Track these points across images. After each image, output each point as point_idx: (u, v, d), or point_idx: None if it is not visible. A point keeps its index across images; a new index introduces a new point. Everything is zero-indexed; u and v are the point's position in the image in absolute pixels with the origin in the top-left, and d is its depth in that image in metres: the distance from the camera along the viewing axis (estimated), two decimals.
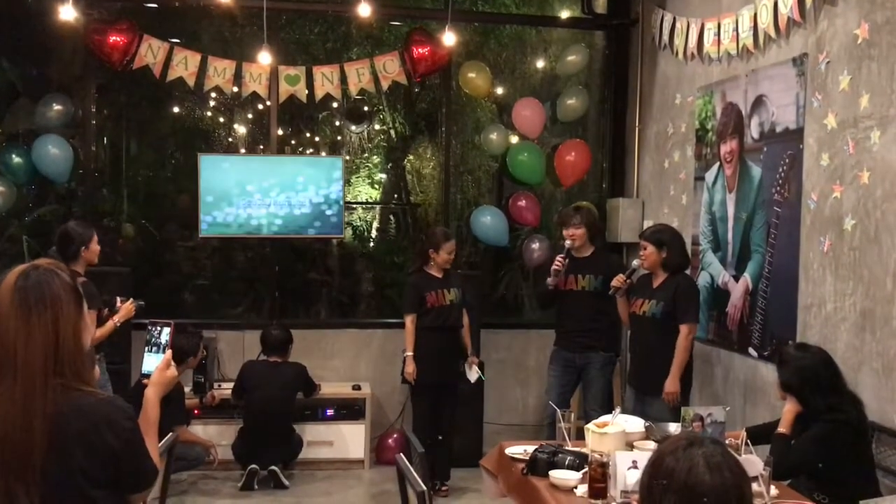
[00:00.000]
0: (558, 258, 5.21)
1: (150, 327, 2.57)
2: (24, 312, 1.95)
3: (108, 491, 2.01)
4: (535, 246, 6.71)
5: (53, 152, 6.12)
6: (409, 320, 5.43)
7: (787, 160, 4.48)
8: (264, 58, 5.93)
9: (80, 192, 6.73)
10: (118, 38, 6.03)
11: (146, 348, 2.54)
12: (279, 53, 6.29)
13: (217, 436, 5.83)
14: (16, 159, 6.20)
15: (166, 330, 2.56)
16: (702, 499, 1.60)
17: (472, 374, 5.62)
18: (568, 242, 5.20)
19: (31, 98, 6.63)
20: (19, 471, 1.90)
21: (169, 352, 2.47)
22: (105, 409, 2.00)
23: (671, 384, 4.52)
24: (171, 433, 3.41)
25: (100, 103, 6.56)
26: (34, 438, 1.90)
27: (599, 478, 2.93)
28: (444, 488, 5.52)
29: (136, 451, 2.06)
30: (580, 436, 3.63)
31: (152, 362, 2.47)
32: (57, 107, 6.25)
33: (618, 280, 4.85)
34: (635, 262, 4.81)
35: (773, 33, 4.58)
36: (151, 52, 6.14)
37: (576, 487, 3.06)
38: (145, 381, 2.43)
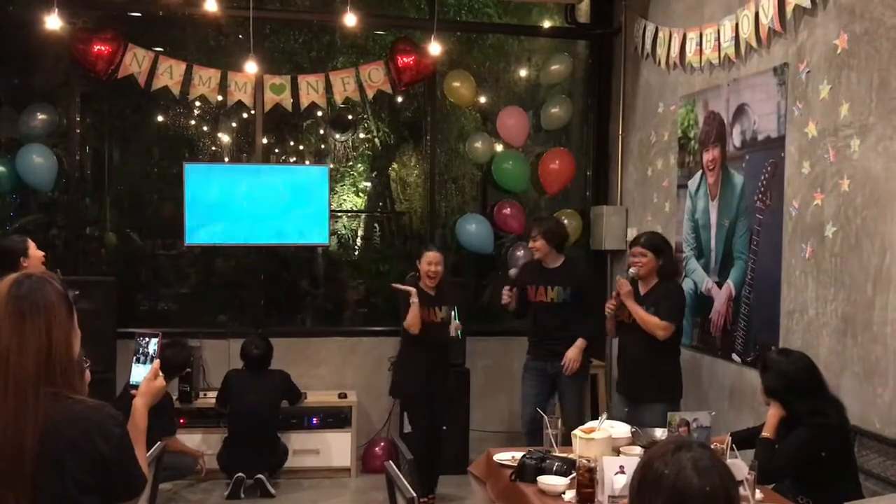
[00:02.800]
0: (505, 291, 5.32)
1: (138, 338, 2.58)
2: (18, 320, 1.96)
3: (98, 498, 2.01)
4: (520, 253, 6.75)
5: (37, 161, 6.11)
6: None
7: (768, 168, 4.54)
8: (250, 67, 5.96)
9: (64, 201, 6.70)
10: (103, 48, 6.04)
11: (134, 358, 2.54)
12: (264, 62, 6.31)
13: (202, 445, 5.83)
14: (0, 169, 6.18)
15: (154, 340, 2.56)
16: (690, 502, 1.63)
17: (452, 329, 5.33)
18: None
19: (13, 107, 6.61)
20: (10, 479, 1.91)
21: (157, 362, 2.48)
22: (96, 416, 2.01)
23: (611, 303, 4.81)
24: (159, 442, 3.41)
25: (84, 112, 6.54)
26: (25, 447, 1.91)
27: (587, 483, 2.96)
28: (431, 497, 5.52)
29: (126, 458, 2.07)
30: (566, 442, 3.66)
31: (140, 373, 2.48)
32: (41, 116, 6.25)
33: (610, 306, 4.83)
34: (632, 271, 4.73)
35: (754, 43, 4.65)
36: (136, 60, 6.15)
37: (564, 493, 3.09)
38: (133, 391, 2.43)
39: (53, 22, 5.40)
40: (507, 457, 3.53)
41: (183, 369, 5.68)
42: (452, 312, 5.28)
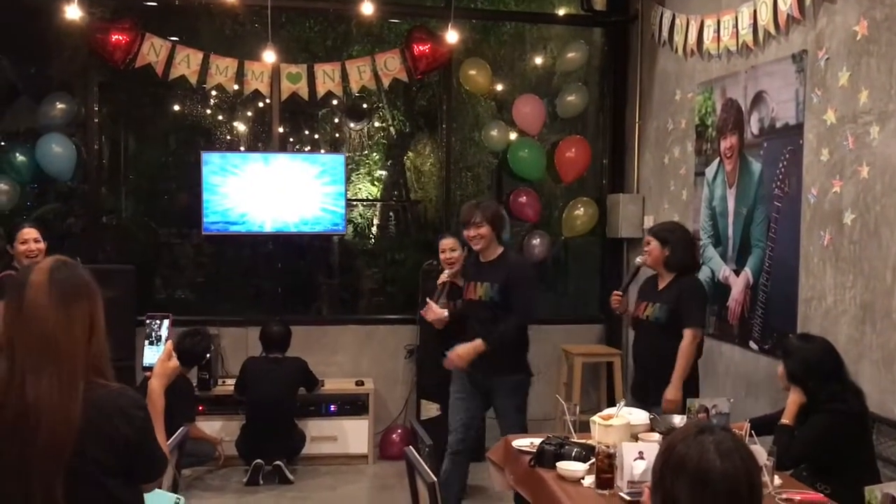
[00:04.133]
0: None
1: (148, 321, 2.59)
2: (64, 304, 1.98)
3: (121, 480, 2.05)
4: (536, 242, 6.76)
5: (57, 151, 6.16)
6: None
7: (787, 155, 4.52)
8: (268, 56, 5.97)
9: (83, 190, 6.76)
10: (120, 37, 6.07)
11: (146, 341, 2.56)
12: (280, 51, 6.32)
13: (220, 432, 5.88)
14: (19, 158, 6.24)
15: (165, 322, 2.59)
16: (713, 484, 1.65)
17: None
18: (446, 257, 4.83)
19: (32, 97, 6.66)
20: (57, 459, 1.94)
21: (169, 343, 2.51)
22: (119, 400, 2.04)
23: (671, 392, 4.21)
24: (182, 427, 3.45)
25: (101, 101, 6.58)
26: (73, 428, 1.94)
27: (606, 468, 2.98)
28: None
29: (148, 441, 2.11)
30: (584, 428, 3.68)
31: (153, 354, 2.50)
32: (60, 105, 6.29)
33: (614, 300, 4.73)
34: (638, 259, 4.69)
35: (772, 30, 4.63)
36: (154, 50, 6.18)
37: (583, 478, 3.10)
38: (147, 373, 2.45)
39: (73, 12, 5.44)
40: (526, 443, 3.55)
41: (204, 358, 5.74)
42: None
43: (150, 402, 2.34)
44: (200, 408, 5.87)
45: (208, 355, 5.83)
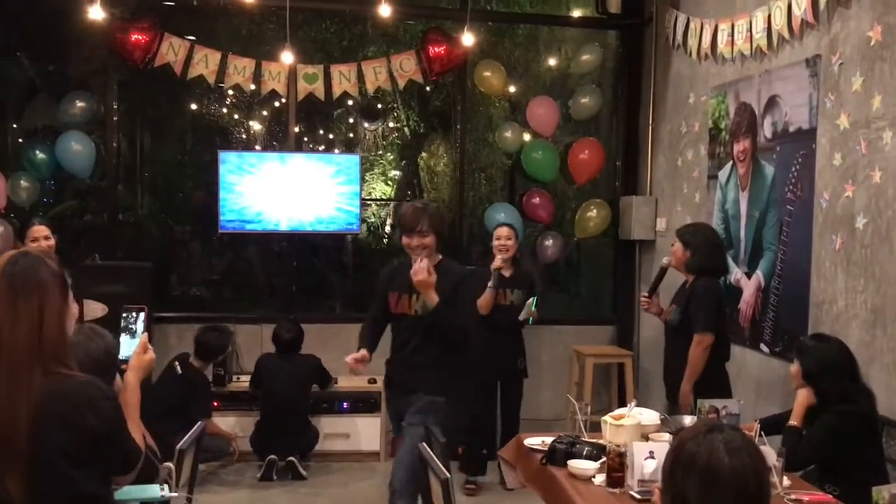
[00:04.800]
0: (643, 298, 4.78)
1: (124, 314, 2.61)
2: (10, 298, 2.01)
3: (89, 471, 2.06)
4: (549, 243, 6.80)
5: (76, 148, 6.24)
6: None
7: (799, 159, 4.55)
8: (286, 57, 6.03)
9: (101, 188, 6.83)
10: (140, 37, 6.14)
11: (122, 334, 2.58)
12: (297, 51, 6.38)
13: (235, 427, 5.95)
14: (39, 155, 6.32)
15: (141, 315, 2.61)
16: (722, 481, 1.69)
17: (524, 312, 5.41)
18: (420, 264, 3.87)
19: (51, 94, 6.74)
20: (4, 453, 1.96)
21: (144, 335, 2.53)
22: (86, 390, 2.05)
23: (682, 395, 4.26)
24: (199, 423, 3.51)
25: (120, 100, 6.66)
26: (19, 424, 1.95)
27: (617, 467, 3.02)
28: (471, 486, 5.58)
29: (117, 432, 2.10)
30: (595, 429, 3.72)
31: (128, 347, 2.51)
32: (80, 103, 6.36)
33: (643, 302, 4.77)
34: (664, 261, 4.68)
35: (786, 34, 4.66)
36: (172, 50, 6.25)
37: (594, 476, 3.15)
38: (123, 366, 2.45)
39: (96, 13, 5.50)
40: (538, 441, 3.60)
41: (222, 354, 5.82)
42: (532, 300, 5.35)
43: (126, 394, 2.36)
44: (216, 404, 5.93)
45: (227, 352, 5.91)
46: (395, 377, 4.18)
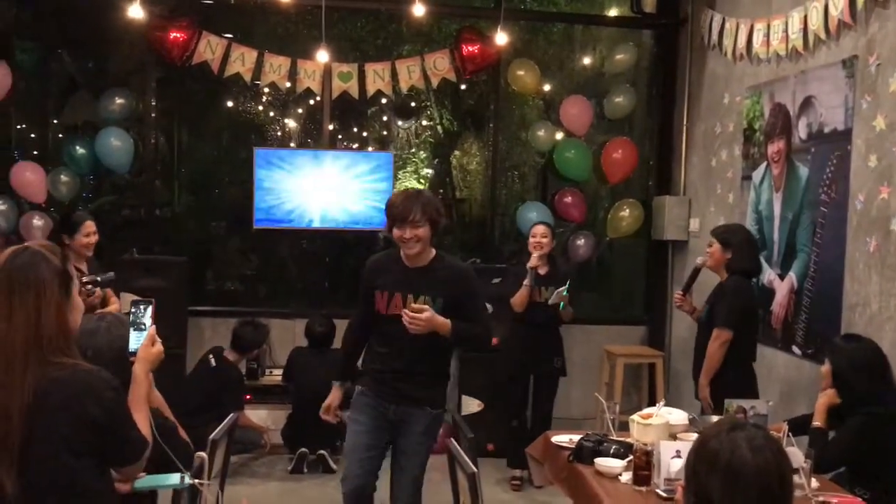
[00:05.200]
0: (677, 296, 4.79)
1: (133, 307, 2.63)
2: (7, 293, 2.04)
3: (90, 461, 2.08)
4: (581, 242, 6.80)
5: (116, 144, 6.35)
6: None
7: (834, 161, 4.51)
8: (322, 56, 6.09)
9: (138, 183, 6.96)
10: (178, 35, 6.24)
11: (131, 327, 2.59)
12: (332, 50, 6.44)
13: (267, 420, 6.03)
14: (80, 150, 6.44)
15: (149, 308, 2.60)
16: (745, 479, 1.70)
17: (555, 297, 5.34)
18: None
19: (90, 91, 6.87)
20: (5, 436, 1.98)
21: (153, 328, 2.49)
22: (87, 379, 2.07)
23: (700, 390, 4.34)
24: (231, 415, 3.57)
25: (158, 97, 6.77)
26: (12, 415, 1.98)
27: (644, 465, 3.03)
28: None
29: (119, 421, 2.12)
30: (623, 429, 3.73)
31: (137, 340, 2.54)
32: (119, 100, 6.48)
33: (676, 300, 4.78)
34: (699, 260, 4.67)
35: (822, 35, 4.62)
36: (210, 48, 6.34)
37: (620, 474, 3.16)
38: (132, 358, 2.46)
39: (136, 11, 5.61)
40: (565, 439, 3.61)
41: (257, 348, 5.90)
42: (564, 286, 5.29)
43: (134, 386, 2.37)
44: (248, 397, 6.02)
45: (262, 346, 6.01)
46: (386, 385, 3.66)
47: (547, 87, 7.43)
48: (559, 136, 6.94)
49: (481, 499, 2.81)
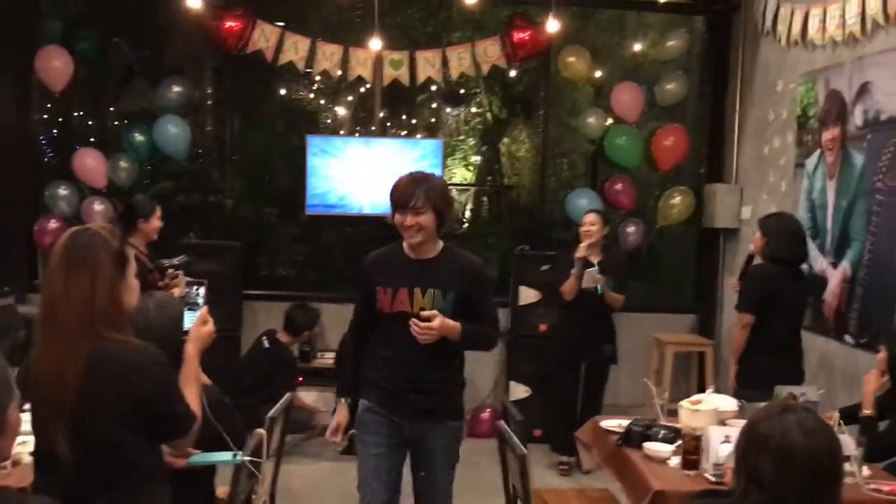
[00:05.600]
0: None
1: (186, 288, 2.72)
2: (66, 271, 2.20)
3: (138, 436, 2.21)
4: (631, 230, 6.79)
5: (173, 131, 6.51)
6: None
7: (891, 148, 4.45)
8: (375, 44, 6.16)
9: (194, 170, 7.11)
10: (233, 24, 6.35)
11: (185, 307, 2.68)
12: (383, 37, 6.50)
13: (318, 402, 6.15)
14: (138, 138, 6.61)
15: (202, 290, 2.68)
16: (796, 460, 1.72)
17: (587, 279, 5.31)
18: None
19: (146, 79, 7.03)
20: (55, 410, 2.15)
21: (204, 308, 2.60)
22: (134, 355, 2.20)
23: (729, 364, 4.53)
24: (286, 395, 3.67)
25: (214, 85, 6.90)
26: (67, 381, 2.14)
27: (692, 450, 3.05)
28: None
29: (165, 397, 2.24)
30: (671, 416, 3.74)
31: (190, 320, 2.62)
32: (176, 88, 6.62)
33: (733, 285, 4.74)
34: (751, 247, 4.70)
35: (881, 20, 4.55)
36: (264, 36, 6.44)
37: (668, 459, 3.18)
38: (185, 337, 2.57)
39: (194, 1, 5.73)
40: (614, 424, 3.64)
41: (308, 330, 6.02)
42: (594, 268, 5.30)
43: (185, 363, 2.47)
44: (300, 379, 6.14)
45: (313, 329, 6.13)
46: (397, 398, 3.25)
47: (597, 74, 7.40)
48: (609, 122, 6.92)
49: (531, 481, 2.86)
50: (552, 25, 6.13)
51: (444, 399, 3.31)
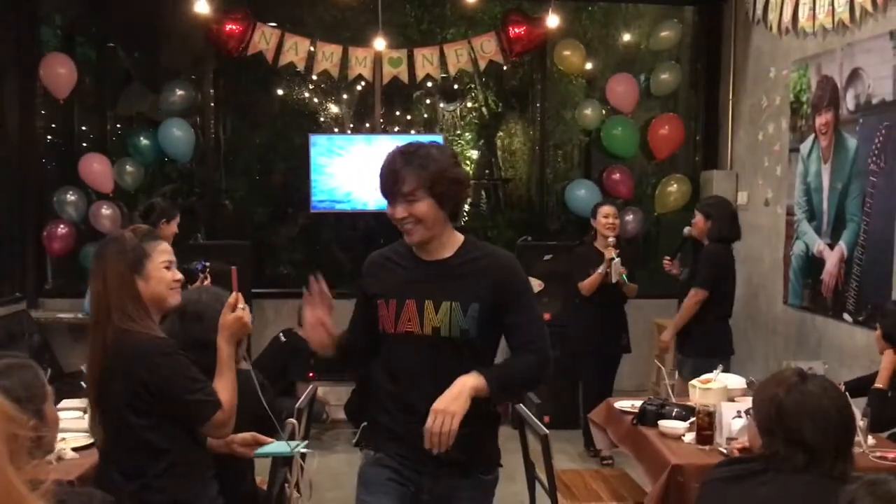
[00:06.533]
0: (666, 262, 5.46)
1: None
2: (92, 271, 2.49)
3: (151, 421, 2.34)
4: (630, 218, 6.92)
5: (178, 134, 6.61)
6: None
7: (883, 131, 4.59)
8: (378, 43, 6.27)
9: (199, 172, 7.21)
10: (234, 27, 6.45)
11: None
12: (383, 36, 6.60)
13: (329, 395, 6.26)
14: (144, 141, 6.70)
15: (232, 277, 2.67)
16: (832, 418, 1.96)
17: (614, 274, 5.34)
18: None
19: (144, 83, 7.12)
20: (90, 399, 2.43)
21: (235, 294, 2.41)
22: (143, 346, 2.34)
23: (665, 333, 5.12)
24: (311, 386, 3.78)
25: (215, 87, 6.99)
26: (93, 371, 2.39)
27: (706, 426, 3.19)
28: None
29: (175, 386, 2.33)
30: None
31: None
32: (179, 92, 6.73)
33: (665, 264, 5.24)
34: (686, 230, 5.22)
35: (869, 7, 4.68)
36: (264, 38, 6.54)
37: (683, 435, 3.32)
38: None
39: (202, 6, 5.83)
40: (627, 405, 3.78)
41: None
42: (616, 259, 5.35)
43: (218, 352, 2.49)
44: (311, 375, 6.25)
45: None
46: (412, 449, 2.35)
47: (591, 66, 7.52)
48: (604, 113, 7.04)
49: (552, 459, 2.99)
50: (552, 21, 6.24)
51: (477, 445, 2.42)
